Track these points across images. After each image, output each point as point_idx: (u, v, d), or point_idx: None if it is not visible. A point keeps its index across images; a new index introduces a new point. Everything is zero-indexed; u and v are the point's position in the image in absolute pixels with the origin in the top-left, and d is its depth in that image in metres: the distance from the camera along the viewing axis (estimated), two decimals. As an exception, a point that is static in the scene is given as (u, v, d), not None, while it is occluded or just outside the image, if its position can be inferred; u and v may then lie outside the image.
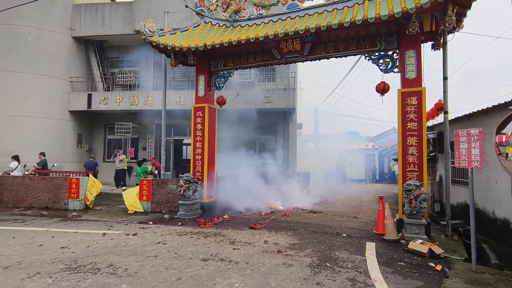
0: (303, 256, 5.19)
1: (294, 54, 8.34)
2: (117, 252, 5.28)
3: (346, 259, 5.09)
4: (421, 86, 6.93)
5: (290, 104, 12.99)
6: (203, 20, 9.70)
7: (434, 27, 7.16)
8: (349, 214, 9.28)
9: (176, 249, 5.47)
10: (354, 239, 6.46)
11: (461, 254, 5.52)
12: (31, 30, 13.71)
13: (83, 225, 7.59)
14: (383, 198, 7.38)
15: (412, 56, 7.04)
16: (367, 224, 7.92)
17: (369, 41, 7.68)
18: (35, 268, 4.53)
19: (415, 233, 6.10)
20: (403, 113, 6.95)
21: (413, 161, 6.79)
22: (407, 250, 5.57)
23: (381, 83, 7.50)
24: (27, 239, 6.12)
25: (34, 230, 6.94)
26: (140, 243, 5.84)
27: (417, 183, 6.25)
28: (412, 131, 6.84)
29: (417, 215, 6.13)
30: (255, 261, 4.85)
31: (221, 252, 5.32)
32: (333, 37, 7.99)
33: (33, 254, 5.20)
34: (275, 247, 5.67)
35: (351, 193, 15.49)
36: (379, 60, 7.62)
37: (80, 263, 4.74)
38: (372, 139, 31.00)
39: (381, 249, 5.72)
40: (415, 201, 6.07)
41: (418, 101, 6.83)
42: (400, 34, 7.20)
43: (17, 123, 13.48)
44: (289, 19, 8.39)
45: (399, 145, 7.02)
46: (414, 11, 6.25)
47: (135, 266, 4.62)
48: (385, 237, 6.38)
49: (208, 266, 4.62)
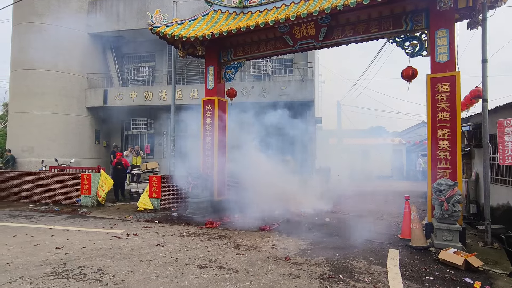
0: (313, 265, 4.55)
1: (309, 40, 7.60)
2: (111, 255, 4.90)
3: (363, 270, 4.39)
4: (454, 71, 6.00)
5: (308, 96, 12.20)
6: (212, 8, 9.17)
7: (471, 2, 6.15)
8: (372, 215, 8.46)
9: (174, 253, 5.02)
10: (375, 244, 5.71)
11: (505, 268, 4.63)
12: (48, 27, 13.82)
13: (88, 223, 7.35)
14: (409, 198, 6.55)
15: (443, 36, 6.12)
16: (391, 227, 7.10)
17: (393, 21, 6.79)
18: (20, 271, 4.22)
19: (447, 240, 5.26)
20: (433, 101, 6.07)
21: (444, 156, 5.91)
22: (438, 260, 4.77)
23: (408, 68, 6.62)
24: (26, 238, 5.92)
25: (37, 227, 6.77)
26: (137, 245, 5.44)
27: (449, 183, 5.38)
28: (443, 123, 5.95)
29: (450, 219, 5.28)
30: (257, 270, 4.28)
31: (222, 258, 4.80)
32: (352, 19, 7.16)
33: (26, 254, 4.93)
34: (283, 253, 5.07)
35: (375, 191, 14.50)
36: (404, 43, 6.72)
37: (69, 267, 4.39)
38: (399, 133, 29.32)
39: (406, 258, 4.96)
40: (447, 203, 5.23)
41: (451, 87, 5.92)
42: (429, 11, 6.28)
43: (36, 120, 13.68)
44: (303, 1, 7.67)
45: (428, 139, 6.16)
46: (447, -19, 5.35)
47: (124, 272, 4.20)
48: (411, 243, 5.58)
49: (203, 275, 4.11)
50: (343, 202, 10.63)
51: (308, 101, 12.40)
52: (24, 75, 13.75)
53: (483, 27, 6.14)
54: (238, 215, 7.97)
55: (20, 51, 13.79)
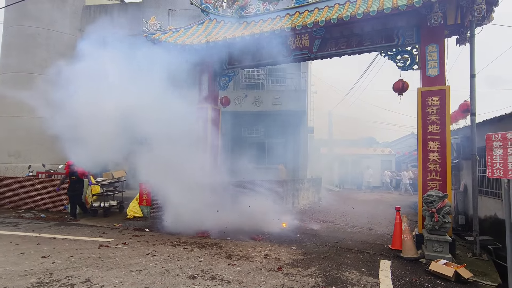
0: (306, 275, 4.53)
1: (303, 51, 7.72)
2: (99, 265, 4.77)
3: (356, 281, 4.39)
4: (444, 85, 6.18)
5: (301, 106, 12.32)
6: (208, 18, 9.24)
7: (459, 19, 6.39)
8: (362, 226, 8.49)
9: (164, 262, 4.92)
10: (367, 255, 5.72)
11: (494, 279, 4.70)
12: (41, 31, 13.67)
13: (75, 230, 7.17)
14: (400, 209, 6.61)
15: (434, 51, 6.30)
16: (382, 238, 7.14)
17: (385, 35, 6.98)
18: (4, 281, 4.07)
19: (438, 251, 5.31)
20: (424, 114, 6.21)
21: (434, 168, 6.03)
22: (428, 271, 4.80)
23: (399, 81, 6.79)
24: (11, 246, 5.73)
25: (23, 235, 6.56)
26: (127, 254, 5.33)
27: (439, 194, 5.47)
28: (434, 135, 6.08)
29: (440, 230, 5.35)
30: (249, 281, 4.23)
31: (214, 268, 4.73)
32: (346, 32, 7.32)
33: (10, 264, 4.76)
34: (276, 264, 5.02)
35: (365, 201, 14.60)
36: (396, 56, 6.91)
37: (55, 277, 4.26)
38: (389, 144, 29.75)
39: (397, 269, 4.98)
40: (437, 215, 5.30)
41: (441, 101, 6.07)
42: (420, 27, 6.49)
43: (25, 124, 13.38)
44: (298, 13, 7.81)
45: (419, 151, 6.27)
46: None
47: (113, 282, 4.09)
48: (403, 254, 5.61)
49: (195, 286, 4.03)
50: (333, 212, 10.65)
51: (301, 110, 12.50)
52: (15, 78, 13.49)
53: (471, 43, 6.34)
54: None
55: (13, 55, 13.56)
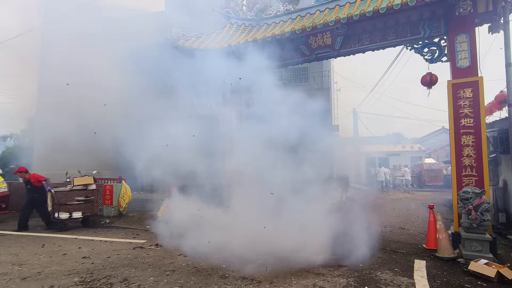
0: (337, 275, 4.48)
1: (325, 49, 7.65)
2: (135, 265, 4.99)
3: (389, 281, 4.28)
4: (477, 76, 5.89)
5: (324, 104, 12.18)
6: (229, 22, 9.39)
7: (491, 6, 6.07)
8: (394, 225, 8.26)
9: (196, 263, 5.05)
10: (400, 255, 5.56)
11: (541, 280, 4.41)
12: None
13: (111, 233, 7.53)
14: (433, 207, 6.37)
15: (464, 41, 6.04)
16: (415, 237, 6.90)
17: (410, 28, 6.77)
18: (51, 280, 4.36)
19: (477, 251, 5.07)
20: (455, 108, 5.96)
21: (469, 163, 5.75)
22: (468, 272, 4.59)
23: (427, 74, 6.56)
24: (54, 247, 6.12)
25: (64, 237, 6.98)
26: (160, 255, 5.52)
27: (476, 190, 5.22)
28: (467, 129, 5.82)
29: (478, 228, 5.10)
30: (280, 281, 4.25)
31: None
32: (368, 27, 7.17)
33: (55, 264, 5.10)
34: (305, 264, 5.01)
35: (395, 199, 14.16)
36: (423, 49, 6.68)
37: (96, 276, 4.50)
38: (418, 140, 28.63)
39: (433, 269, 4.80)
40: (474, 212, 5.06)
41: (474, 93, 5.80)
42: (448, 17, 6.23)
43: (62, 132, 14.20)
44: (318, 12, 7.77)
45: (451, 146, 6.02)
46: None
47: (149, 282, 4.27)
48: (438, 254, 5.40)
49: (226, 285, 4.11)
50: (363, 211, 10.40)
51: (324, 109, 12.35)
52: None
53: (505, 31, 6.02)
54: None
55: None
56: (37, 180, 8.04)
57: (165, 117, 7.02)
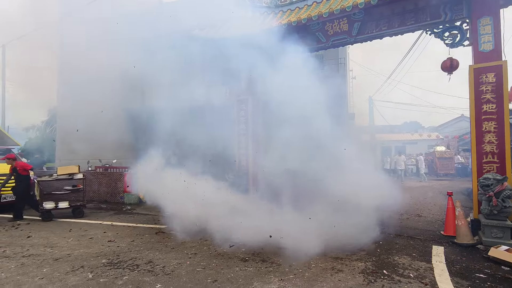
0: (355, 260, 4.56)
1: (342, 36, 7.55)
2: (158, 248, 5.21)
3: (407, 265, 4.34)
4: (500, 60, 5.72)
5: (340, 92, 12.05)
6: (244, 9, 9.34)
7: (517, -15, 5.84)
8: (411, 212, 8.22)
9: (217, 246, 5.23)
10: (417, 241, 5.58)
11: None
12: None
13: (133, 218, 7.82)
14: (452, 194, 6.32)
15: (487, 24, 5.84)
16: (433, 224, 6.88)
17: (430, 12, 6.58)
18: (80, 261, 4.63)
19: (497, 237, 5.03)
20: (477, 93, 5.82)
21: (491, 150, 5.65)
22: (487, 258, 4.59)
23: (448, 59, 6.42)
24: (81, 232, 6.44)
25: (89, 223, 7.32)
26: (181, 239, 5.72)
27: (498, 177, 5.15)
28: (489, 115, 5.69)
29: (499, 215, 5.05)
30: (300, 264, 4.36)
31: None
32: (386, 12, 7.01)
33: (83, 246, 5.38)
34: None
35: (412, 187, 14.02)
36: (444, 33, 6.51)
37: (122, 258, 4.74)
38: (435, 128, 27.99)
39: (452, 255, 4.81)
40: (495, 199, 5.00)
41: (497, 77, 5.65)
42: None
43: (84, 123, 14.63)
44: (335, -3, 7.63)
45: (472, 132, 5.91)
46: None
47: (173, 264, 4.47)
48: (457, 240, 5.39)
49: (247, 268, 4.27)
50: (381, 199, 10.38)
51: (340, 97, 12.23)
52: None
53: (532, 12, 5.78)
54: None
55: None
56: (23, 169, 7.91)
57: (188, 105, 7.21)
